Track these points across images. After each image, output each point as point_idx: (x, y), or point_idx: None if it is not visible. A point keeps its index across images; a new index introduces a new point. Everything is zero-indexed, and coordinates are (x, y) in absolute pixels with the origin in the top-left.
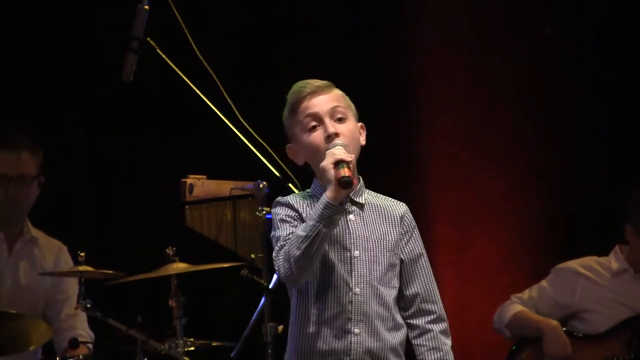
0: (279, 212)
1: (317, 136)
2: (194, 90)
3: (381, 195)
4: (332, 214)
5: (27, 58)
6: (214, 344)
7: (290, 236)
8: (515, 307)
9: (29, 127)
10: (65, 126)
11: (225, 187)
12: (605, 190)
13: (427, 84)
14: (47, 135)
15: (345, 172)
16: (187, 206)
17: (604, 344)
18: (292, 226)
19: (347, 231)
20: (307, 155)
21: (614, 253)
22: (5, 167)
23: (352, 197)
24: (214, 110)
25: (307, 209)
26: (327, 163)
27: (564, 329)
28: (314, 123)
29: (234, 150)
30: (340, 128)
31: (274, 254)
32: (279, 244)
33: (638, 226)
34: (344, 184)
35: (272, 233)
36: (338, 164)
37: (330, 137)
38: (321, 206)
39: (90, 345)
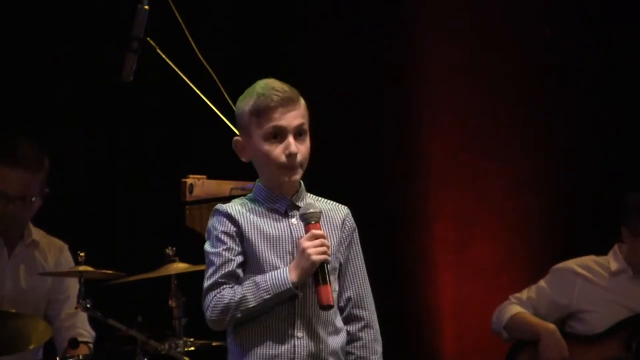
0: (217, 226)
1: (277, 150)
2: (194, 90)
3: (323, 199)
4: (287, 295)
5: (27, 58)
6: (214, 344)
7: (236, 294)
8: (513, 308)
9: (29, 127)
10: (65, 126)
11: (225, 187)
12: (605, 191)
13: (427, 83)
14: (47, 135)
15: (330, 298)
16: (187, 206)
17: (602, 345)
18: (227, 249)
19: (289, 236)
20: (257, 159)
21: (612, 253)
22: (6, 186)
23: (294, 202)
24: (214, 110)
25: (249, 215)
26: (309, 265)
27: (563, 329)
28: (275, 133)
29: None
30: (300, 148)
31: (205, 284)
32: (213, 279)
33: (633, 228)
34: (326, 308)
35: (206, 248)
36: (320, 275)
37: (290, 156)
38: (281, 287)
39: (91, 345)
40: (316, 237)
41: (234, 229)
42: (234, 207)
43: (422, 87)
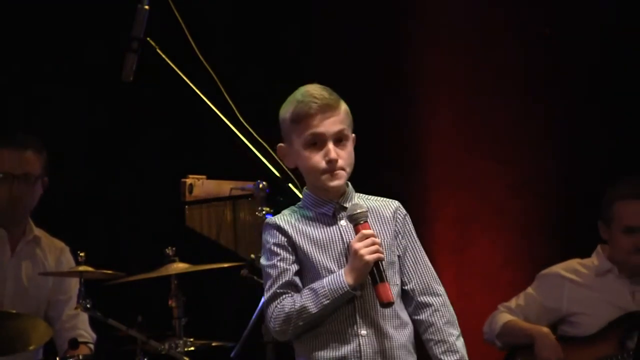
0: (268, 239)
1: (317, 157)
2: (194, 90)
3: (372, 197)
4: (347, 298)
5: (27, 58)
6: (214, 344)
7: (295, 302)
8: (504, 316)
9: (30, 126)
10: (65, 126)
11: (225, 187)
12: (605, 191)
13: (427, 84)
14: (47, 135)
15: (390, 294)
16: (187, 206)
17: (596, 346)
18: (281, 260)
19: (339, 238)
20: (300, 165)
21: (596, 253)
22: (10, 166)
23: (342, 204)
24: (214, 110)
25: (298, 224)
26: (363, 265)
27: (555, 333)
28: (315, 140)
29: (234, 150)
30: (341, 153)
31: (265, 297)
32: (272, 290)
33: (605, 218)
34: (387, 306)
35: (262, 262)
36: (376, 273)
37: (330, 162)
38: (339, 291)
39: (92, 346)
40: (366, 236)
41: (285, 240)
42: (283, 218)
43: (422, 87)
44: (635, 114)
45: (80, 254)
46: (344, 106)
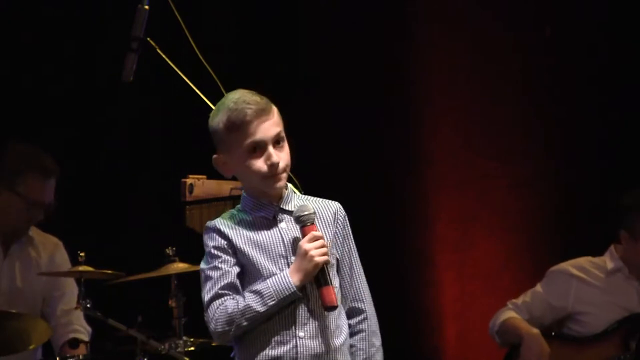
0: (209, 242)
1: (259, 162)
2: (194, 90)
3: (312, 198)
4: (292, 299)
5: (27, 58)
6: (214, 344)
7: (239, 303)
8: (506, 314)
9: (29, 127)
10: (65, 126)
11: (225, 187)
12: (606, 190)
13: (428, 84)
14: (46, 135)
15: (334, 298)
16: (187, 206)
17: (600, 346)
18: (222, 262)
19: (280, 240)
20: (240, 173)
21: (609, 253)
22: (42, 194)
23: (282, 206)
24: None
25: (238, 227)
26: (312, 267)
27: (561, 330)
28: (255, 147)
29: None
30: (281, 155)
31: (205, 299)
32: (213, 292)
33: (632, 230)
34: (331, 309)
35: (202, 265)
36: (321, 277)
37: (273, 166)
38: (285, 292)
39: (88, 343)
40: (316, 238)
41: (225, 242)
42: (223, 222)
43: (422, 87)
44: (635, 114)
45: (80, 254)
46: (275, 108)
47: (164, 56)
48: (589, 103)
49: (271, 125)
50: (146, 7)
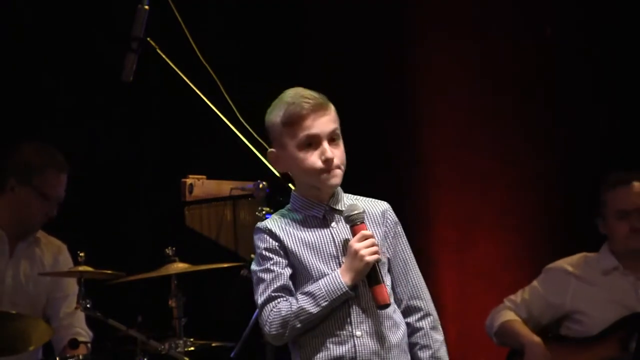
0: (259, 244)
1: (313, 157)
2: (194, 90)
3: (361, 197)
4: (344, 298)
5: (27, 58)
6: (214, 344)
7: (292, 305)
8: (505, 314)
9: (29, 128)
10: (65, 126)
11: (225, 187)
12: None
13: (428, 83)
14: (46, 135)
15: (386, 297)
16: (187, 206)
17: (599, 346)
18: (274, 264)
19: (331, 240)
20: (293, 169)
21: (603, 251)
22: (58, 189)
23: (332, 206)
24: (214, 110)
25: (288, 227)
26: (363, 266)
27: (559, 330)
28: (310, 141)
29: (234, 150)
30: (336, 152)
31: (259, 302)
32: (266, 294)
33: (600, 212)
34: (384, 307)
35: (253, 267)
36: (373, 275)
37: (327, 161)
38: (337, 292)
39: (89, 344)
40: (366, 237)
41: (277, 244)
42: (274, 222)
43: (422, 87)
44: (635, 114)
45: (80, 254)
46: (332, 105)
47: (164, 56)
48: (589, 103)
49: (328, 121)
50: (146, 7)
